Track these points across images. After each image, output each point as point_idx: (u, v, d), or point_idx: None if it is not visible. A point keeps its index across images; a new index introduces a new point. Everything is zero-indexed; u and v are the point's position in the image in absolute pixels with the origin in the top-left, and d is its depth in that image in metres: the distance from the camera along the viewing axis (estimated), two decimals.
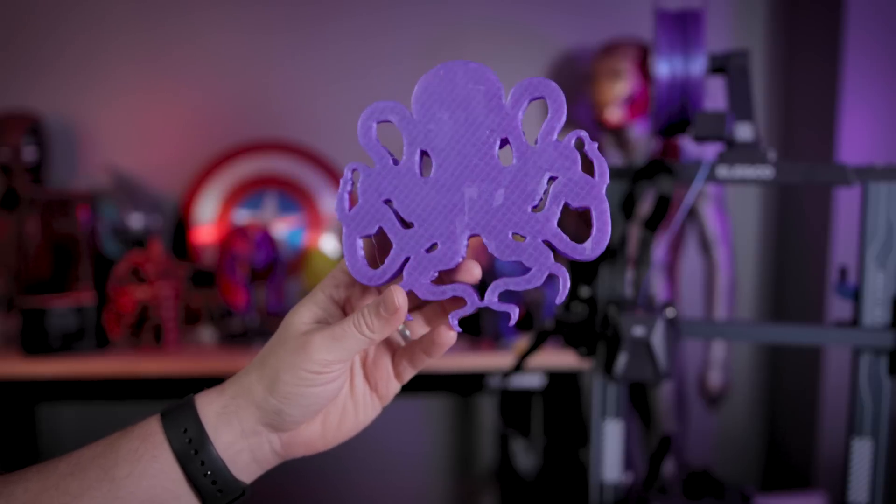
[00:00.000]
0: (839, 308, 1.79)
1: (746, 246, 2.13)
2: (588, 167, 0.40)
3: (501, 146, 0.41)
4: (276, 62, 2.03)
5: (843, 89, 1.77)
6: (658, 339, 0.75)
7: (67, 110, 1.98)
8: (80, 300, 1.57)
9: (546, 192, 0.40)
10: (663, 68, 0.85)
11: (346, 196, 0.41)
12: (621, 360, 0.76)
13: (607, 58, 1.78)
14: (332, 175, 2.00)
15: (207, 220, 1.98)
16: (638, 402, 1.84)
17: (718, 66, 0.86)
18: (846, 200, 1.79)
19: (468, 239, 0.41)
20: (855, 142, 1.78)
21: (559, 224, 0.40)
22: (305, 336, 0.41)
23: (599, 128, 1.87)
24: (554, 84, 0.40)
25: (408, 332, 0.47)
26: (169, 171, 2.00)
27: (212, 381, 0.46)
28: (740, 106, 0.83)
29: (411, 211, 0.41)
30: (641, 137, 1.81)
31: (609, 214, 0.40)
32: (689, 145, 1.78)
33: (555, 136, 0.40)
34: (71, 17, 1.97)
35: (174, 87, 2.02)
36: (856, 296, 0.80)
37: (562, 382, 1.76)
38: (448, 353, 0.42)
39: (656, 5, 0.91)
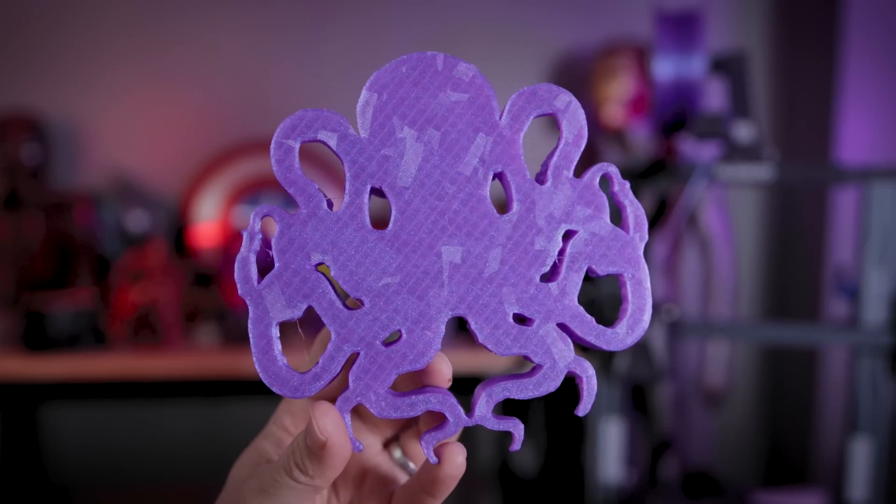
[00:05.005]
0: (839, 308, 1.79)
1: (746, 246, 2.13)
2: (616, 216, 0.28)
3: (494, 182, 0.28)
4: (275, 61, 2.04)
5: (843, 89, 1.77)
6: (658, 339, 0.75)
7: (68, 110, 1.98)
8: (81, 300, 1.57)
9: (561, 252, 0.28)
10: (663, 68, 0.86)
11: (254, 258, 0.27)
12: (621, 360, 0.76)
13: (607, 58, 1.78)
14: (333, 175, 2.00)
15: (208, 219, 1.98)
16: (638, 402, 1.84)
17: (718, 66, 0.86)
18: (846, 200, 1.79)
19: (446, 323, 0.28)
20: (855, 142, 1.78)
21: (580, 299, 0.28)
22: (239, 491, 0.31)
23: (599, 128, 1.87)
24: (569, 95, 0.27)
25: (411, 465, 0.33)
26: (169, 171, 2.01)
27: (212, 381, 0.46)
28: (740, 106, 0.83)
29: (359, 281, 0.27)
30: (641, 137, 1.81)
31: (649, 283, 0.28)
32: (689, 145, 1.79)
33: (571, 172, 0.27)
34: (71, 17, 1.97)
35: (174, 87, 2.02)
36: (855, 296, 0.80)
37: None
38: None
39: (656, 5, 0.91)
